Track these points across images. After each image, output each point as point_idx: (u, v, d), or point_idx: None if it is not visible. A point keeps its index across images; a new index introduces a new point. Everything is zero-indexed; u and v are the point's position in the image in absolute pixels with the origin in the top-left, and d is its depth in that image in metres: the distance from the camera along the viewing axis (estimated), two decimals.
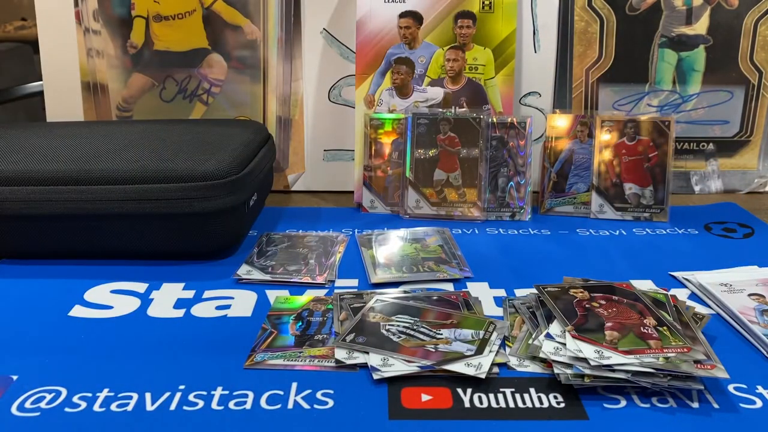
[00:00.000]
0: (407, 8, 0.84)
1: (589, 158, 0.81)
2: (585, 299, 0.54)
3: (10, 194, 0.65)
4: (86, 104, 0.92)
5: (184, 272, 0.66)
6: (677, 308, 0.53)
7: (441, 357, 0.49)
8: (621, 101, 0.90)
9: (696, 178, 0.92)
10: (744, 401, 0.46)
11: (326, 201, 0.89)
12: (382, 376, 0.47)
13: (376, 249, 0.71)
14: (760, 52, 0.88)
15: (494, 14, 0.84)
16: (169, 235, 0.67)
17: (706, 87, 0.89)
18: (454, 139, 0.81)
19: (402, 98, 0.85)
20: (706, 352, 0.47)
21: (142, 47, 0.90)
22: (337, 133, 0.92)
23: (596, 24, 0.88)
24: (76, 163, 0.66)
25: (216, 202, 0.65)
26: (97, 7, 0.90)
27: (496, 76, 0.85)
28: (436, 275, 0.64)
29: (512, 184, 0.81)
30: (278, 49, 0.90)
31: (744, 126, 0.90)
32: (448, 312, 0.56)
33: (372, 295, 0.59)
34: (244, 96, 0.91)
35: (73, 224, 0.66)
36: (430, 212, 0.81)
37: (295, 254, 0.69)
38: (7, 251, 0.70)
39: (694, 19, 0.87)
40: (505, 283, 0.63)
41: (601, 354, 0.47)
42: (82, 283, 0.64)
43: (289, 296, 0.61)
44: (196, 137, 0.73)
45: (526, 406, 0.45)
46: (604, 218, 0.81)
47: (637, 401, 0.45)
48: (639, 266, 0.67)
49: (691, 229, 0.77)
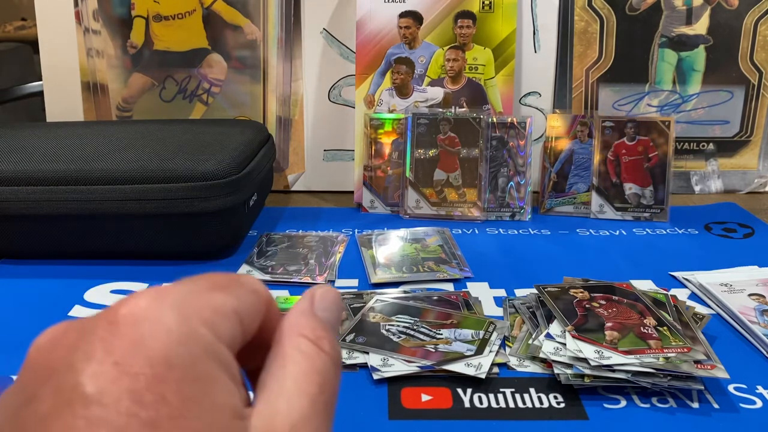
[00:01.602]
0: (407, 8, 0.84)
1: (589, 158, 0.81)
2: (585, 299, 0.54)
3: (10, 194, 0.65)
4: (86, 104, 0.92)
5: (184, 272, 0.65)
6: (677, 308, 0.53)
7: (441, 357, 0.49)
8: (621, 101, 0.90)
9: (696, 178, 0.92)
10: (744, 401, 0.46)
11: (326, 201, 0.89)
12: (382, 376, 0.47)
13: (376, 249, 0.71)
14: (760, 52, 0.88)
15: (494, 14, 0.84)
16: (169, 235, 0.67)
17: (706, 87, 0.89)
18: (454, 139, 0.81)
19: (402, 98, 0.85)
20: (706, 352, 0.47)
21: (142, 47, 0.90)
22: (337, 133, 0.92)
23: (596, 24, 0.88)
24: (76, 163, 0.66)
25: (216, 202, 0.65)
26: (97, 7, 0.90)
27: (496, 76, 0.85)
28: (436, 275, 0.64)
29: (512, 184, 0.81)
30: (278, 49, 0.90)
31: (744, 126, 0.90)
32: (448, 312, 0.56)
33: (372, 295, 0.59)
34: (244, 96, 0.91)
35: (73, 224, 0.66)
36: (430, 212, 0.81)
37: (295, 254, 0.69)
38: (7, 251, 0.70)
39: (694, 19, 0.87)
40: (505, 283, 0.63)
41: (601, 354, 0.47)
42: (82, 283, 0.64)
43: (289, 296, 0.61)
44: (196, 137, 0.73)
45: (526, 406, 0.45)
46: (604, 218, 0.81)
47: (637, 401, 0.45)
48: (639, 266, 0.67)
49: (691, 229, 0.77)
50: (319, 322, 0.25)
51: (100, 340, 0.20)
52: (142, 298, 0.22)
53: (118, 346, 0.20)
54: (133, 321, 0.21)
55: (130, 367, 0.19)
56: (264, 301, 0.25)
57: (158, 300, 0.22)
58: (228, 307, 0.23)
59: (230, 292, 0.23)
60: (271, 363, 0.23)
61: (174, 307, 0.21)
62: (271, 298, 0.25)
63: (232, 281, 0.24)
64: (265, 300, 0.25)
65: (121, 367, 0.19)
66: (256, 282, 0.25)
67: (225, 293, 0.23)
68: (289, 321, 0.25)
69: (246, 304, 0.24)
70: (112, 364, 0.20)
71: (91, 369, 0.19)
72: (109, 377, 0.19)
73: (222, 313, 0.22)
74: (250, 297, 0.24)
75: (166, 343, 0.20)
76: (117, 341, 0.20)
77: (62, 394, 0.19)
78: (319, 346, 0.24)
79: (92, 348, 0.20)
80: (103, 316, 0.21)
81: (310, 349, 0.23)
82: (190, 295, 0.22)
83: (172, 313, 0.21)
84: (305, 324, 0.25)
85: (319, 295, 0.26)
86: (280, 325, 0.25)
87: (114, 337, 0.20)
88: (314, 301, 0.26)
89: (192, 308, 0.22)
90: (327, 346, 0.24)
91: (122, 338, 0.20)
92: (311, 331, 0.24)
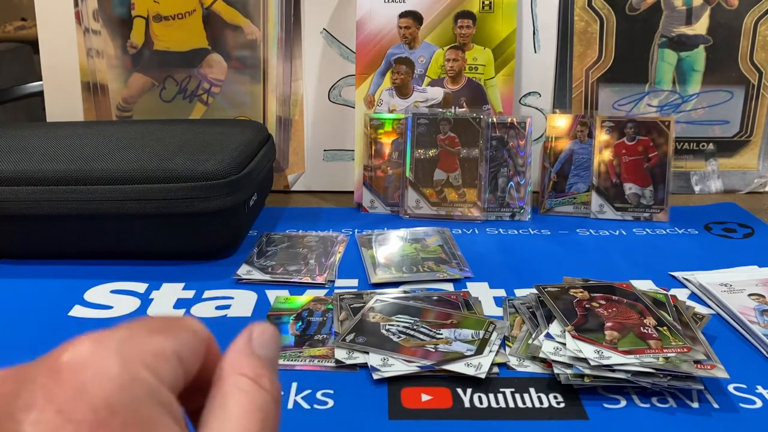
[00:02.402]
0: (407, 8, 0.84)
1: (589, 158, 0.81)
2: (585, 299, 0.54)
3: (10, 194, 0.65)
4: (86, 104, 0.92)
5: (184, 272, 0.66)
6: (677, 308, 0.53)
7: (441, 357, 0.49)
8: (621, 101, 0.90)
9: (696, 178, 0.92)
10: (744, 401, 0.46)
11: (326, 201, 0.89)
12: (382, 376, 0.47)
13: (376, 249, 0.71)
14: (760, 52, 0.88)
15: (494, 14, 0.84)
16: (169, 235, 0.67)
17: (706, 87, 0.89)
18: (454, 139, 0.81)
19: (402, 98, 0.85)
20: (706, 352, 0.47)
21: (142, 47, 0.90)
22: (337, 133, 0.92)
23: (596, 24, 0.88)
24: (76, 163, 0.66)
25: (216, 202, 0.65)
26: (97, 7, 0.90)
27: (496, 76, 0.85)
28: (436, 275, 0.64)
29: (512, 184, 0.81)
30: (278, 49, 0.90)
31: (744, 126, 0.90)
32: (448, 312, 0.56)
33: (372, 295, 0.59)
34: (244, 96, 0.91)
35: (73, 224, 0.66)
36: (430, 212, 0.81)
37: (295, 254, 0.69)
38: (7, 251, 0.70)
39: (694, 19, 0.87)
40: (505, 283, 0.63)
41: (601, 354, 0.47)
42: (82, 283, 0.64)
43: (289, 296, 0.61)
44: (196, 137, 0.73)
45: (526, 406, 0.45)
46: (604, 218, 0.81)
47: (637, 401, 0.45)
48: (639, 266, 0.67)
49: (691, 229, 0.77)
50: (258, 359, 0.25)
51: (42, 387, 0.20)
52: (83, 344, 0.22)
53: (59, 394, 0.20)
54: (74, 368, 0.21)
55: (73, 414, 0.19)
56: (203, 342, 0.25)
57: (100, 345, 0.22)
58: (168, 349, 0.23)
59: (170, 335, 0.24)
60: (212, 402, 0.24)
61: (115, 352, 0.22)
62: (211, 338, 0.26)
63: (172, 323, 0.25)
64: (204, 340, 0.25)
65: (64, 414, 0.19)
66: (195, 322, 0.25)
67: (165, 336, 0.23)
68: (229, 360, 0.25)
69: (186, 346, 0.24)
70: (55, 412, 0.19)
71: (32, 417, 0.19)
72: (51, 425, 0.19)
73: (163, 356, 0.23)
74: (191, 338, 0.24)
75: (109, 389, 0.20)
76: (58, 389, 0.20)
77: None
78: (259, 384, 0.24)
79: (33, 396, 0.20)
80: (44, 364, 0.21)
81: (251, 387, 0.24)
82: (130, 340, 0.22)
83: (114, 359, 0.21)
84: (245, 362, 0.25)
85: (257, 332, 0.27)
86: (220, 364, 0.25)
87: (56, 385, 0.20)
88: (252, 338, 0.26)
89: (133, 352, 0.22)
90: (267, 383, 0.24)
91: (64, 385, 0.20)
92: (251, 370, 0.25)
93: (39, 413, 0.20)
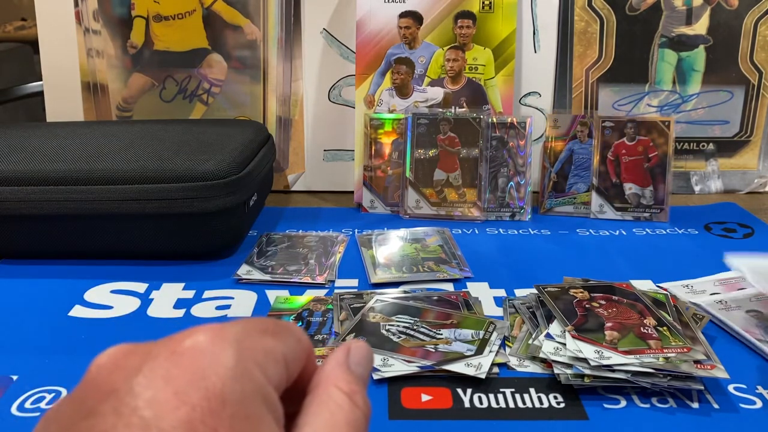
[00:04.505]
0: (407, 8, 0.84)
1: (589, 158, 0.81)
2: (585, 299, 0.54)
3: (10, 194, 0.65)
4: (86, 104, 0.92)
5: (184, 272, 0.66)
6: (677, 308, 0.53)
7: (441, 357, 0.49)
8: (621, 101, 0.90)
9: (696, 178, 0.92)
10: (744, 401, 0.46)
11: (326, 201, 0.89)
12: (382, 376, 0.47)
13: (376, 249, 0.71)
14: (760, 52, 0.88)
15: (494, 14, 0.84)
16: (169, 235, 0.67)
17: (706, 87, 0.89)
18: (454, 139, 0.81)
19: (402, 98, 0.85)
20: (706, 352, 0.47)
21: (142, 47, 0.90)
22: (337, 133, 0.92)
23: (596, 24, 0.88)
24: (77, 163, 0.66)
25: (216, 202, 0.65)
26: (97, 7, 0.90)
27: (496, 76, 0.85)
28: (436, 275, 0.64)
29: (512, 184, 0.81)
30: (278, 49, 0.90)
31: (744, 126, 0.90)
32: (448, 312, 0.56)
33: (372, 295, 0.59)
34: (244, 96, 0.91)
35: (73, 224, 0.66)
36: (430, 212, 0.81)
37: (295, 254, 0.69)
38: (7, 251, 0.70)
39: (694, 19, 0.87)
40: (505, 283, 0.63)
41: (601, 354, 0.47)
42: (82, 283, 0.64)
43: (289, 296, 0.61)
44: (196, 137, 0.73)
45: (526, 406, 0.45)
46: (604, 218, 0.81)
47: (637, 401, 0.45)
48: (639, 266, 0.67)
49: (691, 229, 0.77)
50: (353, 376, 0.26)
51: (162, 367, 0.21)
52: (204, 333, 0.23)
53: (178, 376, 0.21)
54: (194, 353, 0.22)
55: (189, 397, 0.20)
56: (305, 350, 0.26)
57: (218, 337, 0.23)
58: (278, 351, 0.24)
59: (279, 338, 0.25)
60: (307, 409, 0.25)
61: (232, 345, 0.23)
62: (311, 348, 0.27)
63: (282, 328, 0.26)
64: (306, 349, 0.26)
65: (180, 396, 0.20)
66: (300, 331, 0.27)
67: (275, 338, 0.25)
68: (327, 371, 0.26)
69: (292, 351, 0.25)
70: (172, 393, 0.20)
71: (149, 394, 0.20)
72: (168, 405, 0.20)
73: (272, 357, 0.24)
74: (296, 345, 0.26)
75: (224, 378, 0.21)
76: (178, 371, 0.21)
77: (122, 414, 0.20)
78: (353, 399, 0.25)
79: (154, 375, 0.21)
80: (166, 345, 0.22)
81: (344, 402, 0.25)
82: (245, 336, 0.23)
83: (230, 351, 0.22)
84: (341, 376, 0.26)
85: (353, 349, 0.28)
86: (317, 373, 0.26)
87: (175, 367, 0.21)
88: (349, 354, 0.27)
89: (247, 349, 0.23)
90: (360, 401, 0.25)
91: (183, 369, 0.21)
92: (346, 384, 0.26)
93: (156, 392, 0.20)
